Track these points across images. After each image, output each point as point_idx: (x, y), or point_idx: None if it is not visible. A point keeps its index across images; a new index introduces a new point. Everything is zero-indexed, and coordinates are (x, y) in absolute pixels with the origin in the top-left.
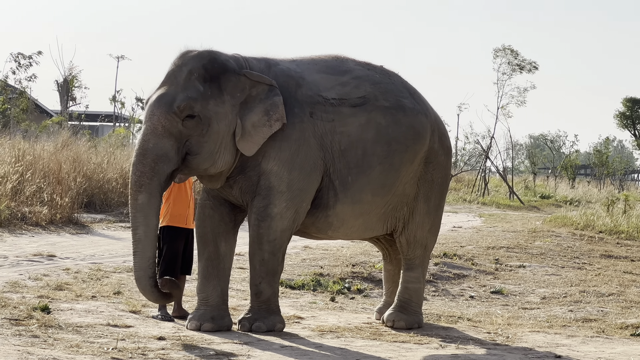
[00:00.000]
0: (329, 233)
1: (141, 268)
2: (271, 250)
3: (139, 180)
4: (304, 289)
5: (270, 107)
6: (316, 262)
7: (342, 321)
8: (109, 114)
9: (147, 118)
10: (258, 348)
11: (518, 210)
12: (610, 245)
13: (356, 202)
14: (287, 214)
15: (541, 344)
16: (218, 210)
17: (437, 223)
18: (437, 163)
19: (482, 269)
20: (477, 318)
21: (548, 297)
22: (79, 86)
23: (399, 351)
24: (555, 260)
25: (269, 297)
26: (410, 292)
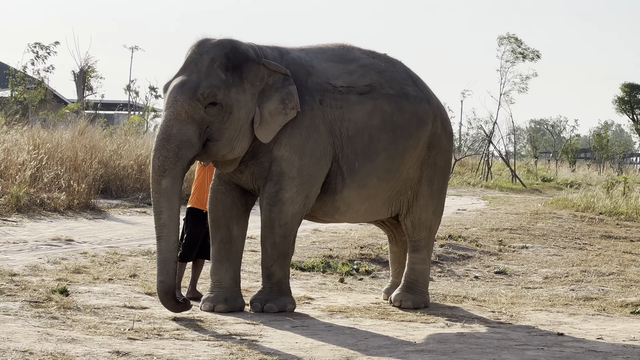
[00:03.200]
0: (336, 217)
1: (169, 250)
2: (282, 233)
3: (163, 165)
4: (314, 270)
5: (286, 96)
6: (325, 244)
7: (351, 301)
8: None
9: (169, 104)
10: (270, 328)
11: (520, 193)
12: (610, 226)
13: (362, 187)
14: (298, 199)
15: (544, 322)
16: (230, 195)
17: (440, 205)
18: (440, 148)
19: (486, 250)
20: (482, 297)
21: (550, 277)
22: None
23: (406, 330)
24: (556, 241)
25: (280, 279)
26: (416, 273)
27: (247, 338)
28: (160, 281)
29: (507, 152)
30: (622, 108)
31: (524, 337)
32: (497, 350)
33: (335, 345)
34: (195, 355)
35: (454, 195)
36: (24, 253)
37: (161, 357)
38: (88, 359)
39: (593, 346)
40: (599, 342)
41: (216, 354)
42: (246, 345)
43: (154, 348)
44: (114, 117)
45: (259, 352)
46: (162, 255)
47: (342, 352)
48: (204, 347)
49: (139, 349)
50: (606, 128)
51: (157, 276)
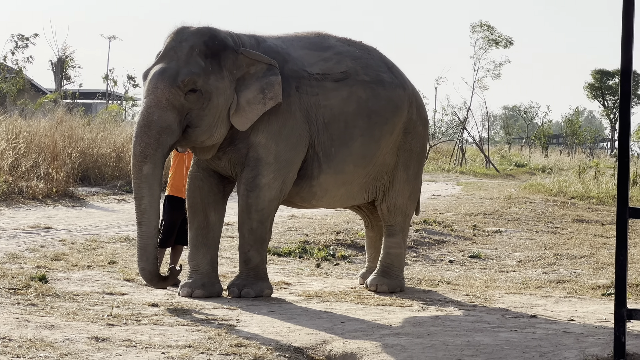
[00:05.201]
0: (313, 202)
1: (149, 236)
2: (259, 219)
3: (144, 151)
4: (291, 256)
5: (266, 86)
6: (302, 230)
7: (328, 286)
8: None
9: (150, 91)
10: (247, 312)
11: (494, 178)
12: (582, 210)
13: (339, 173)
14: (275, 185)
15: (517, 305)
16: (207, 182)
17: (416, 190)
18: (415, 133)
19: (460, 234)
20: (457, 281)
21: (523, 260)
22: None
23: (382, 314)
24: (530, 225)
25: (257, 264)
26: (392, 257)
27: (225, 323)
28: (141, 268)
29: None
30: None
31: (498, 319)
32: (472, 333)
33: (312, 329)
34: (173, 340)
35: (429, 181)
36: (2, 241)
37: (140, 342)
38: (67, 344)
39: (565, 327)
40: (571, 324)
41: (194, 339)
42: (224, 329)
43: (133, 333)
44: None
45: (237, 337)
46: (142, 241)
47: (319, 335)
48: (182, 332)
49: (118, 334)
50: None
51: (138, 262)
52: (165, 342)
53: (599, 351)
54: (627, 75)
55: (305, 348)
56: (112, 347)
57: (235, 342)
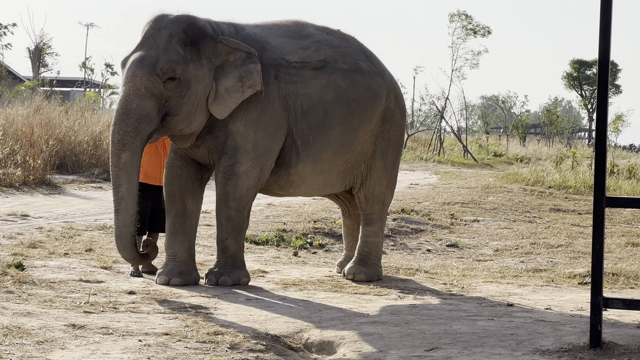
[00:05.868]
0: (291, 190)
1: (124, 225)
2: (237, 207)
3: (123, 139)
4: (268, 244)
5: (245, 74)
6: (279, 218)
7: (305, 275)
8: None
9: (128, 79)
10: (224, 301)
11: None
12: (559, 199)
13: (317, 161)
14: (253, 173)
15: (494, 294)
16: (185, 169)
17: (394, 179)
18: (393, 122)
19: (438, 223)
20: (434, 270)
21: (501, 249)
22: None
23: (360, 302)
24: (507, 214)
25: (234, 252)
26: (369, 246)
27: (202, 311)
28: (122, 256)
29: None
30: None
31: (475, 308)
32: (449, 321)
33: (289, 318)
34: (150, 327)
35: (407, 170)
36: None
37: (117, 330)
38: (44, 332)
39: (542, 316)
40: (548, 312)
41: (171, 327)
42: (201, 317)
43: (110, 321)
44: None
45: (214, 324)
46: (119, 229)
47: (296, 324)
48: (159, 320)
49: (95, 322)
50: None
51: (118, 250)
52: (142, 329)
53: (575, 339)
54: (605, 65)
55: (283, 336)
56: (89, 334)
57: (213, 330)
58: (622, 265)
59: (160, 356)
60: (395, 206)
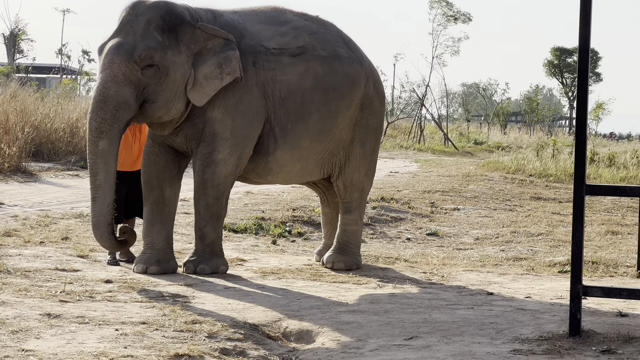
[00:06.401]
0: (269, 178)
1: (101, 214)
2: (215, 195)
3: (100, 127)
4: (247, 232)
5: (224, 61)
6: (258, 206)
7: (284, 263)
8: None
9: (106, 66)
10: (202, 289)
11: (452, 155)
12: (540, 187)
13: (295, 148)
14: (231, 160)
15: (474, 282)
16: (163, 157)
17: (372, 167)
18: (372, 109)
19: (418, 212)
20: (414, 259)
21: (481, 238)
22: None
23: (339, 291)
24: (488, 202)
25: (212, 241)
26: (348, 234)
27: (179, 299)
28: (100, 244)
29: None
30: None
31: (455, 296)
32: (428, 310)
33: (267, 307)
34: (127, 316)
35: (387, 158)
36: None
37: (93, 319)
38: (18, 321)
39: (521, 304)
40: (527, 301)
41: (149, 315)
42: (179, 306)
43: (86, 310)
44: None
45: (192, 313)
46: (96, 218)
47: (275, 313)
48: (136, 309)
49: (71, 311)
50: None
51: (95, 239)
52: (119, 318)
53: (555, 328)
54: (585, 53)
55: (261, 325)
56: (64, 323)
57: (190, 318)
58: (602, 254)
59: (137, 345)
60: (375, 194)
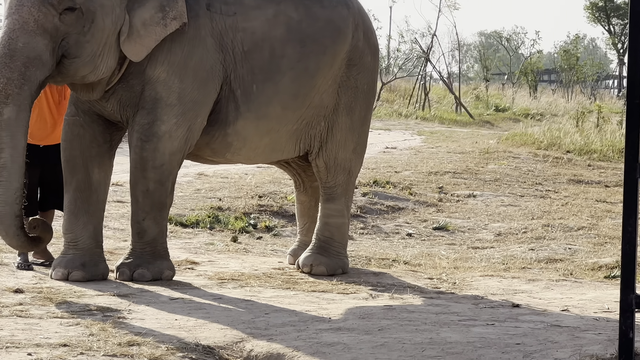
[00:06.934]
0: (228, 156)
1: (6, 202)
2: (158, 178)
3: (5, 89)
4: (199, 226)
5: (167, 2)
6: (213, 193)
7: (247, 267)
8: None
9: (13, 10)
10: (142, 301)
11: (467, 126)
12: (580, 167)
13: (262, 117)
14: (178, 133)
15: (495, 291)
16: (90, 129)
17: (363, 141)
18: (362, 65)
19: (422, 199)
20: (416, 261)
21: (504, 233)
22: None
23: (319, 303)
24: (512, 187)
25: (154, 237)
26: (331, 229)
27: (111, 314)
28: (7, 243)
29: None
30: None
31: (470, 310)
32: (436, 327)
33: (226, 324)
34: (43, 337)
35: (381, 130)
36: None
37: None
38: None
39: (557, 320)
40: (564, 315)
41: (71, 335)
42: (111, 323)
43: None
44: None
45: (128, 332)
46: (1, 208)
47: (236, 332)
48: (55, 327)
49: None
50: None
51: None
52: (32, 339)
53: (600, 350)
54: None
55: (218, 347)
56: None
57: (126, 339)
58: None
59: None
60: (366, 177)
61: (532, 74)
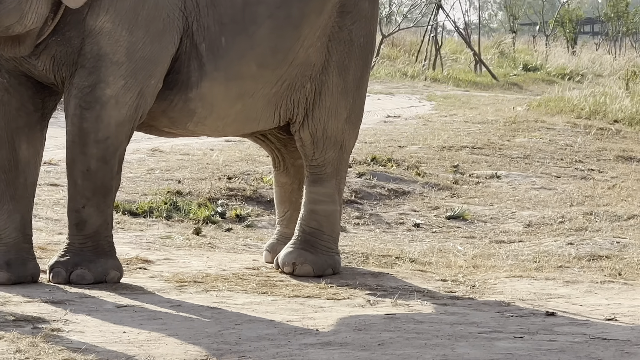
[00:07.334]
0: (190, 127)
1: None
2: (101, 155)
3: None
4: (153, 216)
5: None
6: (171, 173)
7: (214, 266)
8: None
9: None
10: (81, 310)
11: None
12: (631, 141)
13: (232, 78)
14: (127, 99)
15: (525, 296)
16: (16, 94)
17: (358, 108)
18: (357, 13)
19: (433, 181)
20: (426, 258)
21: (536, 224)
22: None
23: (304, 311)
24: (546, 166)
25: (97, 230)
26: (319, 219)
27: (43, 326)
28: None
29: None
30: None
31: (494, 319)
32: (450, 342)
33: (187, 338)
34: None
35: (382, 94)
36: None
37: None
38: None
39: (602, 331)
40: (611, 325)
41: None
42: (42, 337)
43: None
44: None
45: (64, 349)
46: None
47: (199, 348)
48: None
49: None
50: None
51: None
52: None
53: None
54: None
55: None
56: None
57: (61, 357)
58: None
59: None
60: (363, 152)
61: (571, 24)
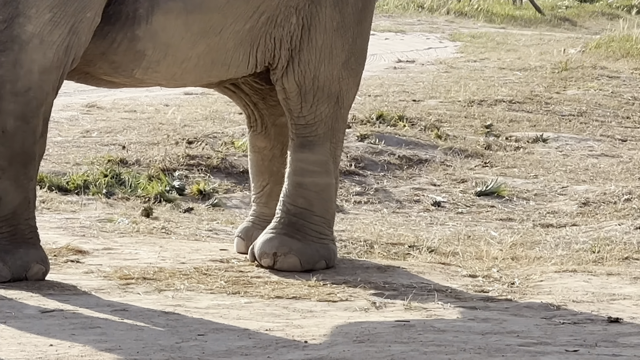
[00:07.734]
0: (137, 73)
1: None
2: (20, 112)
3: None
4: (89, 192)
5: None
6: (113, 136)
7: (169, 258)
8: None
9: None
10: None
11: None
12: None
13: (193, 10)
14: (54, 37)
15: (580, 297)
16: None
17: (360, 50)
18: None
19: (458, 146)
20: (449, 247)
21: (594, 202)
22: None
23: (288, 317)
24: (608, 126)
25: (15, 210)
26: (308, 195)
27: None
28: None
29: None
30: None
31: (538, 328)
32: (482, 357)
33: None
34: None
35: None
36: None
37: None
38: None
39: None
40: None
41: None
42: None
43: None
44: None
45: None
46: None
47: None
48: None
49: None
50: None
51: None
52: None
53: None
54: None
55: None
56: None
57: None
58: None
59: None
60: (366, 108)
61: None
